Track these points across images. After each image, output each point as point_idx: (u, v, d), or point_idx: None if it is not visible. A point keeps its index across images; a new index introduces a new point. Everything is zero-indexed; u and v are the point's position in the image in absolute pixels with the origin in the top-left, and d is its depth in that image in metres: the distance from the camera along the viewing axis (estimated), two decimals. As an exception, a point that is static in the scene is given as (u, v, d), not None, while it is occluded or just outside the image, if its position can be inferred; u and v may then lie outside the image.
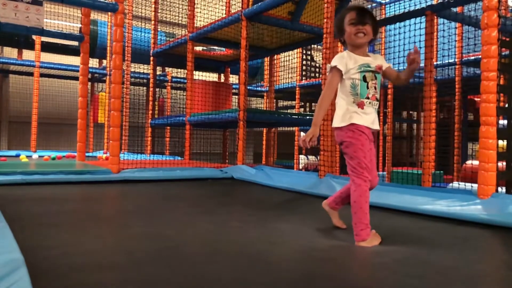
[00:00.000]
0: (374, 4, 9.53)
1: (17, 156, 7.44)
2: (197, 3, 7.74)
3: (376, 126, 2.16)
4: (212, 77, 10.96)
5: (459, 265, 1.80)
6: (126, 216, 2.83)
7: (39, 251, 1.79)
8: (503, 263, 1.99)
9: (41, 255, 1.73)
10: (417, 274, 1.66)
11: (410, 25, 5.11)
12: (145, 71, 9.74)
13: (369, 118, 2.13)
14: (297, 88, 9.91)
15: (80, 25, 6.76)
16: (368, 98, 2.13)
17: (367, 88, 2.13)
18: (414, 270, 1.71)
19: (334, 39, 2.25)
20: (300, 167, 10.00)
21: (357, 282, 1.60)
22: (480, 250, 2.15)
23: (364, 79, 2.13)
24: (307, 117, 6.73)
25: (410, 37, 5.23)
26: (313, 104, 12.43)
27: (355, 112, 2.12)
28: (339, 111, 2.17)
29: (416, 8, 4.44)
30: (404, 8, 8.00)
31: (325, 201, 2.44)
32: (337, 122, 2.17)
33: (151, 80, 8.29)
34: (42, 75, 9.76)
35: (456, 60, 7.01)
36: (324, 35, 4.57)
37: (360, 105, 2.12)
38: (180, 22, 9.12)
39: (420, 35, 4.78)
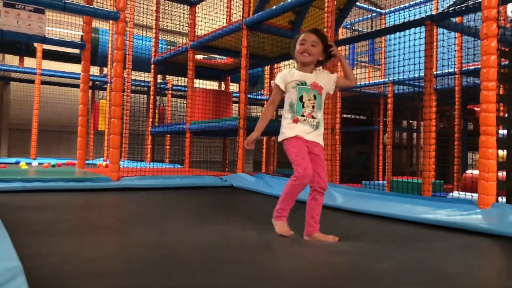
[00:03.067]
0: (374, 14, 9.60)
1: (17, 163, 7.44)
2: (198, 12, 7.79)
3: (311, 138, 2.39)
4: (212, 85, 11.00)
5: (460, 272, 1.80)
6: (125, 224, 2.82)
7: (38, 258, 1.78)
8: (503, 270, 1.98)
9: (40, 262, 1.72)
10: (417, 281, 1.66)
11: (410, 34, 5.14)
12: (146, 79, 9.77)
13: (303, 130, 2.38)
14: (297, 97, 9.92)
15: (81, 33, 6.79)
16: (303, 115, 2.39)
17: (303, 107, 2.39)
18: (414, 276, 1.71)
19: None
20: (300, 176, 9.96)
21: (357, 292, 1.59)
22: (480, 258, 2.15)
23: (301, 99, 2.39)
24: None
25: (410, 46, 5.26)
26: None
27: (289, 127, 2.41)
28: (281, 127, 2.47)
29: (415, 18, 4.46)
30: (404, 18, 8.06)
31: (304, 232, 2.44)
32: (279, 137, 2.48)
33: (152, 88, 8.31)
34: (43, 82, 9.78)
35: (455, 69, 7.03)
36: (324, 44, 4.59)
37: (295, 121, 2.40)
38: (181, 30, 9.17)
39: (420, 44, 4.80)
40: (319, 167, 2.39)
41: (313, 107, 2.39)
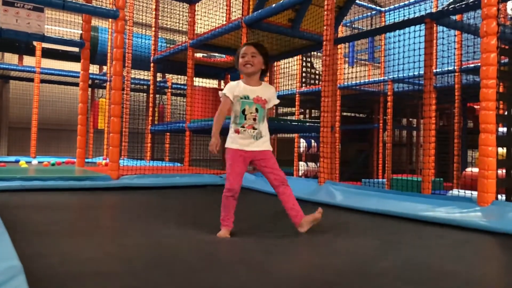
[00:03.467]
0: (373, 12, 9.59)
1: (17, 162, 7.43)
2: (198, 10, 7.77)
3: (253, 148, 2.60)
4: (212, 83, 10.98)
5: (460, 270, 1.80)
6: (124, 223, 2.82)
7: (38, 258, 1.78)
8: (503, 267, 1.99)
9: (39, 262, 1.72)
10: (417, 279, 1.66)
11: (409, 32, 5.13)
12: (146, 78, 9.75)
13: (243, 142, 2.59)
14: (297, 95, 9.93)
15: (80, 32, 6.78)
16: (243, 127, 2.60)
17: (245, 119, 2.60)
18: (414, 275, 1.71)
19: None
20: (300, 174, 9.99)
21: (357, 290, 1.59)
22: (480, 255, 2.15)
23: (243, 111, 2.60)
24: (307, 124, 6.73)
25: (409, 44, 5.26)
26: (313, 111, 12.44)
27: (232, 137, 2.62)
28: (228, 136, 2.66)
29: (415, 16, 4.45)
30: (404, 15, 8.04)
31: (295, 226, 2.57)
32: (226, 143, 2.67)
33: (151, 86, 8.30)
34: (42, 81, 9.76)
35: (455, 67, 7.03)
36: (324, 42, 4.59)
37: (237, 132, 2.61)
38: (180, 28, 9.15)
39: (420, 42, 4.80)
40: (268, 168, 2.63)
41: (254, 119, 2.61)
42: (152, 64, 8.36)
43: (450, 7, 4.09)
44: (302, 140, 10.38)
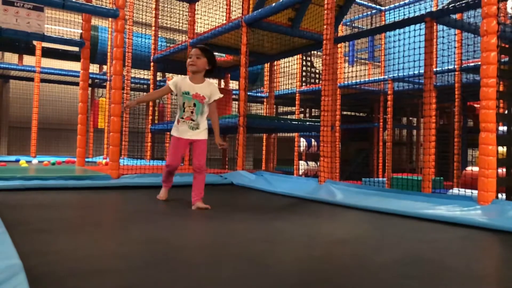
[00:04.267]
0: (373, 11, 9.59)
1: (17, 161, 7.44)
2: (198, 9, 7.77)
3: (189, 136, 3.16)
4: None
5: (459, 265, 1.81)
6: (125, 221, 2.82)
7: (38, 256, 1.78)
8: (503, 263, 1.99)
9: (40, 260, 1.72)
10: (416, 273, 1.66)
11: (409, 31, 5.13)
12: (146, 77, 9.75)
13: (182, 131, 3.14)
14: (297, 94, 9.93)
15: (80, 31, 6.77)
16: (183, 118, 3.11)
17: (184, 111, 3.10)
18: (413, 270, 1.72)
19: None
20: (300, 173, 9.99)
21: (355, 284, 1.59)
22: (479, 251, 2.16)
23: (183, 105, 3.07)
24: (307, 123, 6.74)
25: (409, 43, 5.26)
26: (313, 110, 12.44)
27: (175, 126, 3.15)
28: (173, 125, 3.19)
29: (415, 15, 4.45)
30: (404, 14, 8.05)
31: (193, 204, 3.20)
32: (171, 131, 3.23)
33: (152, 86, 8.30)
34: (42, 80, 9.76)
35: (455, 66, 7.03)
36: (324, 41, 4.59)
37: (178, 122, 3.13)
38: (180, 28, 9.15)
39: (420, 41, 4.80)
40: (196, 153, 3.20)
41: (191, 112, 3.07)
42: (152, 64, 8.37)
43: (450, 6, 4.09)
44: (302, 139, 10.38)
